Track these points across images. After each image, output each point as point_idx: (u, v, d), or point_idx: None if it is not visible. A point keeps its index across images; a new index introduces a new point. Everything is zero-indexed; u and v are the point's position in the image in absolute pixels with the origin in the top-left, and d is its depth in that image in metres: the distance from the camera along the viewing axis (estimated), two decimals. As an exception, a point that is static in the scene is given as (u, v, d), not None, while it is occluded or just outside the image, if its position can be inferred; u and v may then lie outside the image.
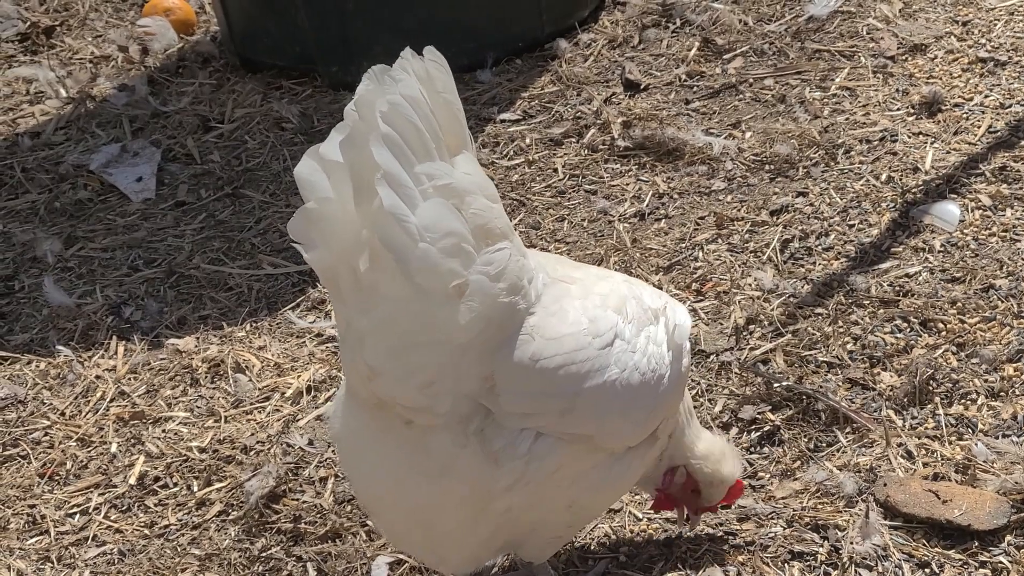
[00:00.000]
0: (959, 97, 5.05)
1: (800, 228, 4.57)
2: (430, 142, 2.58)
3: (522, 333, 2.75)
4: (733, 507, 3.61)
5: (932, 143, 4.83)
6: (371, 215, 2.56)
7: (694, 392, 3.99)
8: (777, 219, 4.65)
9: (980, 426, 3.75)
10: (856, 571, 3.40)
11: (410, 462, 2.81)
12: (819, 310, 4.21)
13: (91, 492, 4.04)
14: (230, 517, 3.87)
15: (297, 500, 3.85)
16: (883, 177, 4.71)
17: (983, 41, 5.34)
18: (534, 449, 2.80)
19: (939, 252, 4.33)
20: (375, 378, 2.71)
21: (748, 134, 5.14)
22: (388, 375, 2.69)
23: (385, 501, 2.96)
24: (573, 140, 5.35)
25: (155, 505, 3.97)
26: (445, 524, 2.90)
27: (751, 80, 5.48)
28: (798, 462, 3.74)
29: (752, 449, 3.82)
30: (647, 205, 4.89)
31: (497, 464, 2.79)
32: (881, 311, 4.14)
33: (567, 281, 2.92)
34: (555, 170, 5.20)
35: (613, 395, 2.87)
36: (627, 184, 5.03)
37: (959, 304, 4.10)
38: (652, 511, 3.61)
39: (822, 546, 3.49)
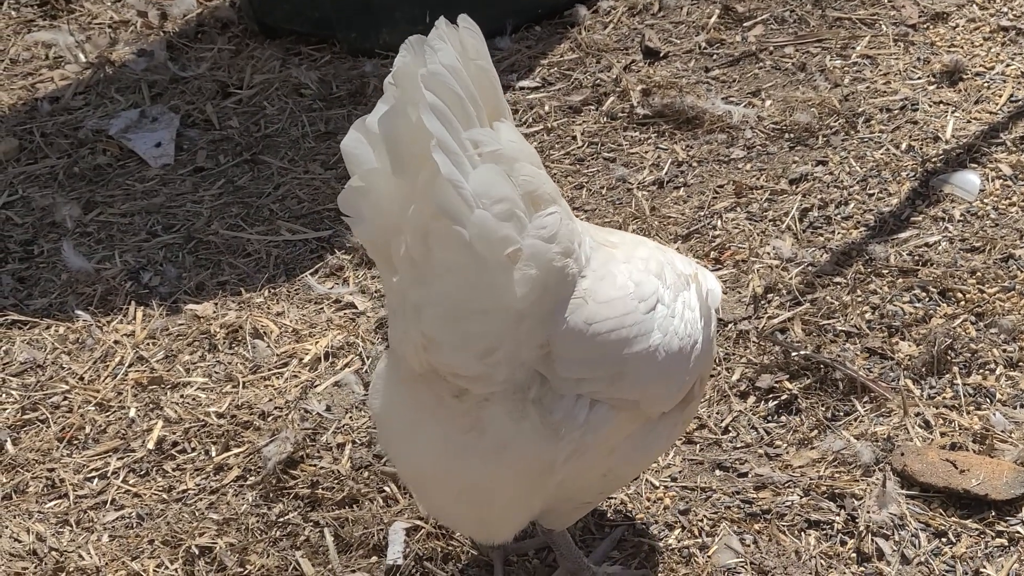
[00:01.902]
0: (980, 66, 5.02)
1: (819, 197, 4.55)
2: (471, 110, 2.59)
3: (575, 297, 2.75)
4: (750, 476, 3.62)
5: (953, 112, 4.80)
6: (422, 185, 2.56)
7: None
8: (796, 188, 4.63)
9: (998, 396, 3.75)
10: (873, 540, 3.40)
11: (463, 440, 2.79)
12: (838, 279, 4.20)
13: (109, 456, 4.06)
14: (248, 482, 3.88)
15: (314, 466, 3.86)
16: (903, 146, 4.69)
17: (1005, 10, 5.30)
18: (591, 418, 2.80)
19: (959, 222, 4.32)
20: (431, 348, 2.69)
21: (768, 102, 5.11)
22: (446, 345, 2.68)
23: (434, 479, 2.94)
24: (592, 108, 5.33)
25: (173, 470, 3.98)
26: (500, 500, 2.89)
27: (771, 48, 5.45)
28: (815, 431, 3.74)
29: (769, 418, 3.82)
30: (666, 173, 4.88)
31: (557, 436, 2.78)
32: (900, 280, 4.13)
33: (609, 246, 2.92)
34: (574, 138, 5.19)
35: (656, 360, 2.87)
36: (646, 152, 5.02)
37: (978, 274, 4.09)
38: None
39: (839, 515, 3.49)
